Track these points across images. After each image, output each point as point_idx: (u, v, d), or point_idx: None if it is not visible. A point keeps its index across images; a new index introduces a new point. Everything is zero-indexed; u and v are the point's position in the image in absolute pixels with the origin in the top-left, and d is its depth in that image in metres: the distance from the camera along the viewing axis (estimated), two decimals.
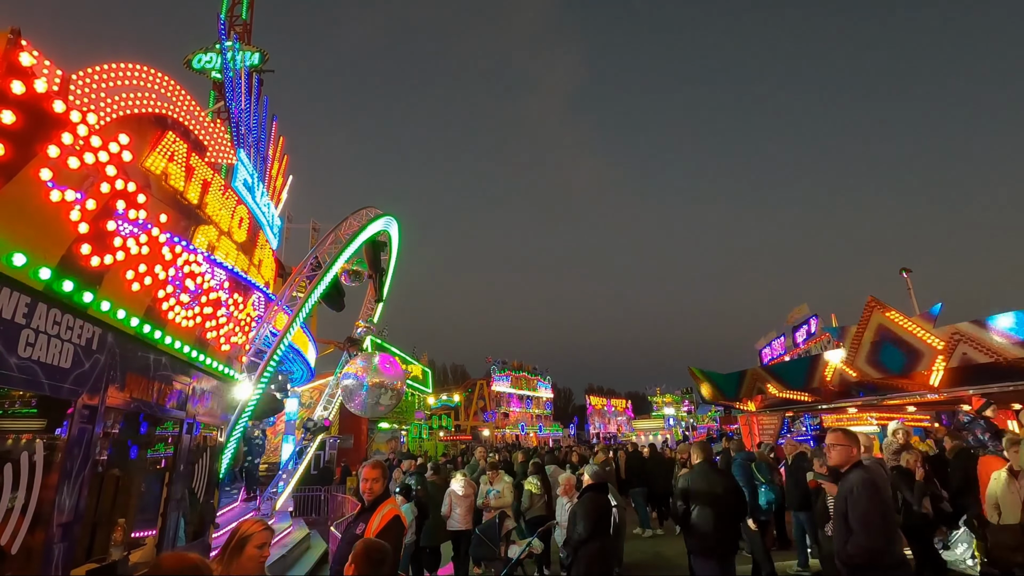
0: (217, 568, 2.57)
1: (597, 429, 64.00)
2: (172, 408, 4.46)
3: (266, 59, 15.72)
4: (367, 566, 2.69)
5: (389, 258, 14.19)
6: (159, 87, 6.30)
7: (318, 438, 12.39)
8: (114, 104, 5.45)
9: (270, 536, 2.73)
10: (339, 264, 10.52)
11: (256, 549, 2.60)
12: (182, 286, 4.09)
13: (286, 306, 9.65)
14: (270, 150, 12.09)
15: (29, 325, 2.63)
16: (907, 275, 19.60)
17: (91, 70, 5.27)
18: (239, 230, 9.04)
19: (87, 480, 3.12)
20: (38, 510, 2.75)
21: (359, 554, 2.75)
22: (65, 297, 2.82)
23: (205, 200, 7.70)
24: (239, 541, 2.64)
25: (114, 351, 3.40)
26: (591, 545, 5.06)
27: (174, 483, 4.56)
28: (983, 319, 9.47)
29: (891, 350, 10.99)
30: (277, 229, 12.19)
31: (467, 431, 50.59)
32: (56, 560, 2.89)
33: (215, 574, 2.56)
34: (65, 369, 2.91)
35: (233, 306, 5.39)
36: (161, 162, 6.55)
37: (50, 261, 2.70)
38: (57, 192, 2.62)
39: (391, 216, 13.02)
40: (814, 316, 29.02)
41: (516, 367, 60.82)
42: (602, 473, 5.73)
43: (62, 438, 2.98)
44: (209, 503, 5.62)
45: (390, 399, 11.09)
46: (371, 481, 4.13)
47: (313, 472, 15.06)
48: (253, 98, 11.63)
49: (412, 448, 29.31)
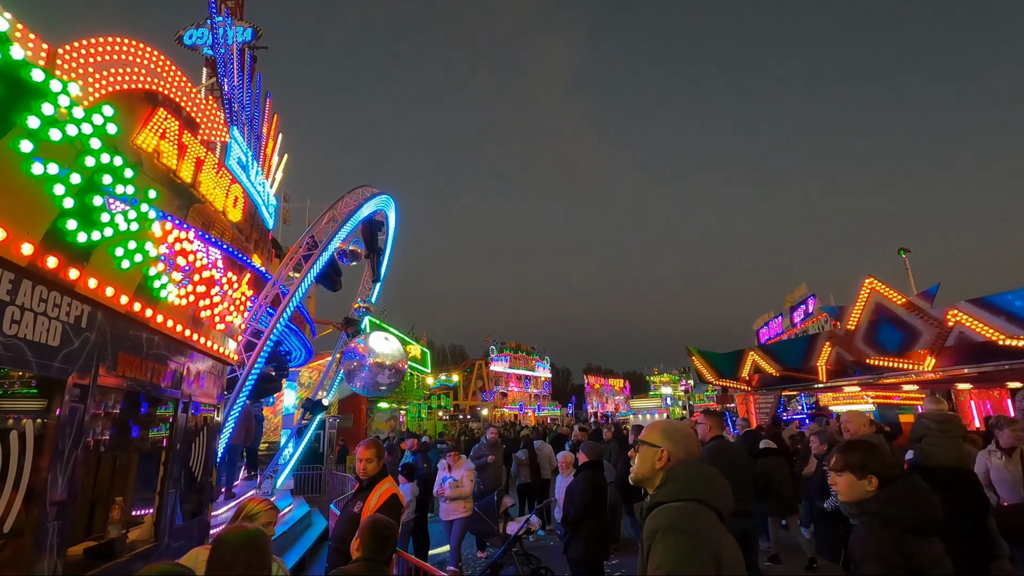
0: None
1: (595, 408, 64.53)
2: (167, 388, 4.44)
3: (259, 35, 15.39)
4: (373, 542, 2.76)
5: (386, 238, 14.10)
6: (149, 62, 6.15)
7: (317, 417, 12.45)
8: (103, 79, 5.33)
9: (275, 515, 2.74)
10: (335, 244, 10.44)
11: (261, 528, 2.60)
12: (174, 264, 4.03)
13: (282, 286, 9.60)
14: (264, 128, 11.92)
15: (14, 302, 2.58)
16: (905, 255, 19.58)
17: (79, 44, 5.13)
18: (234, 209, 8.94)
19: (80, 459, 3.10)
20: (30, 488, 2.74)
21: (365, 530, 2.81)
22: (51, 273, 2.77)
23: (199, 179, 7.59)
24: (244, 520, 2.65)
25: (104, 329, 3.36)
26: (587, 522, 5.10)
27: (171, 462, 4.57)
28: (980, 298, 9.46)
29: (888, 329, 11.01)
30: (272, 208, 12.08)
31: (466, 410, 50.99)
32: (51, 538, 2.88)
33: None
34: (54, 347, 2.86)
35: (228, 285, 5.34)
36: (153, 139, 6.43)
37: (33, 236, 2.64)
38: (39, 165, 2.54)
39: (388, 196, 12.89)
40: (812, 296, 29.10)
41: (514, 347, 61.14)
42: (598, 450, 5.75)
43: (55, 417, 2.95)
44: (207, 482, 5.64)
45: (391, 378, 11.11)
46: (365, 461, 4.16)
47: (320, 452, 15.19)
48: (246, 75, 11.42)
49: (411, 428, 29.54)
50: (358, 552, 2.79)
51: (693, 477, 1.88)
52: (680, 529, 1.72)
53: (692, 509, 1.79)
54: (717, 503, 1.83)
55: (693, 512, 1.78)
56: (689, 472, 1.89)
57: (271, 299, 9.29)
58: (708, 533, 1.72)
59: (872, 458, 2.18)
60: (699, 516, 1.77)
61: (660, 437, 2.00)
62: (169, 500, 4.49)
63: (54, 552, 2.91)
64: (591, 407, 65.87)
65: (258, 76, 12.42)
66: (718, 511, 1.82)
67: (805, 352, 13.18)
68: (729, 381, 15.68)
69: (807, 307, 29.04)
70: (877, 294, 11.29)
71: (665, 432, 2.02)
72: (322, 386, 13.45)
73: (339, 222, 10.57)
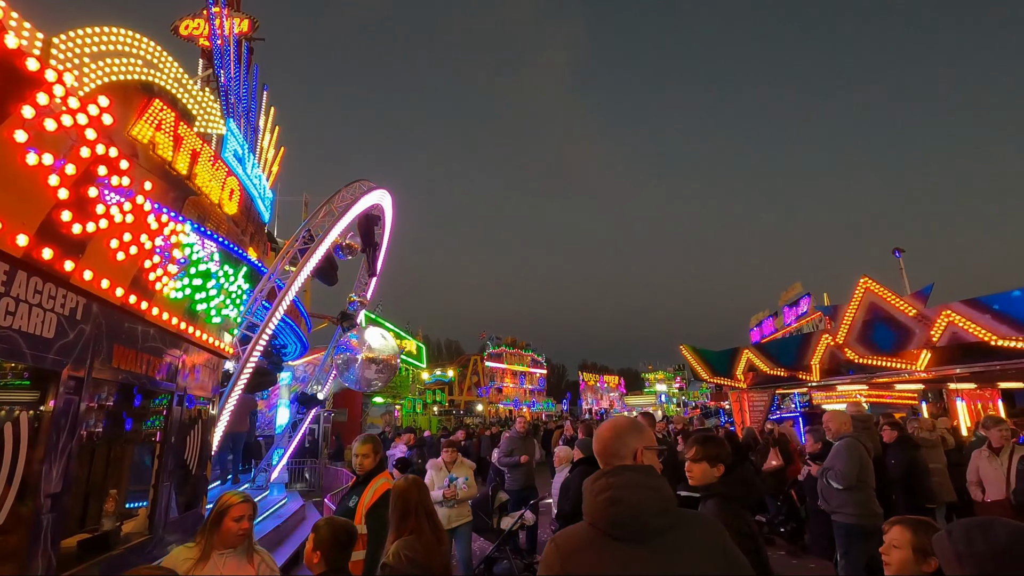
0: (200, 540, 2.59)
1: (590, 405, 64.75)
2: (162, 380, 4.43)
3: (256, 26, 15.27)
4: (336, 552, 2.54)
5: (383, 232, 14.06)
6: (145, 53, 6.10)
7: (312, 411, 12.44)
8: (98, 69, 5.28)
9: (249, 509, 2.71)
10: (331, 237, 10.41)
11: (234, 522, 2.61)
12: (169, 256, 4.02)
13: (278, 280, 9.57)
14: (261, 120, 11.86)
15: (8, 293, 2.57)
16: (900, 255, 19.69)
17: (74, 34, 5.08)
18: (230, 202, 8.90)
19: (74, 451, 3.09)
20: (24, 481, 2.73)
21: (324, 542, 2.53)
22: (46, 265, 2.75)
23: (194, 171, 7.54)
24: (217, 514, 2.64)
25: (100, 322, 3.34)
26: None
27: (165, 455, 4.56)
28: (974, 299, 9.51)
29: (882, 329, 11.06)
30: (269, 202, 12.03)
31: (461, 406, 51.04)
32: (46, 529, 2.88)
33: (197, 546, 2.58)
34: (48, 339, 2.85)
35: (223, 278, 5.32)
36: (148, 131, 6.38)
37: (28, 227, 2.62)
38: (34, 155, 2.52)
39: (384, 189, 12.85)
40: (807, 295, 29.22)
41: (510, 343, 61.19)
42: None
43: (50, 409, 2.94)
44: (202, 475, 5.64)
45: (383, 373, 11.10)
46: (361, 457, 4.15)
47: (307, 445, 15.20)
48: (243, 67, 11.35)
49: (405, 423, 29.55)
50: (320, 567, 2.49)
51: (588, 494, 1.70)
52: (542, 563, 1.64)
53: (572, 532, 1.68)
54: (608, 528, 1.60)
55: (567, 536, 1.66)
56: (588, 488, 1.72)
57: (267, 293, 9.27)
58: (569, 565, 1.56)
59: (723, 451, 2.68)
60: (572, 543, 1.63)
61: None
62: (164, 493, 4.48)
63: (48, 544, 2.90)
64: (586, 404, 66.07)
65: (255, 68, 12.35)
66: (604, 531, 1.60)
67: (799, 351, 13.23)
68: (723, 379, 15.72)
69: (801, 306, 29.17)
70: (871, 294, 11.35)
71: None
72: (317, 380, 13.45)
73: (336, 216, 10.53)
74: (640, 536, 1.55)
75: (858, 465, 4.93)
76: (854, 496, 4.90)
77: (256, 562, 2.67)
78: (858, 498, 4.88)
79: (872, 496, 5.01)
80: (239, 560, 2.62)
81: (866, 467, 4.99)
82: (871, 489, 5.01)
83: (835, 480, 4.98)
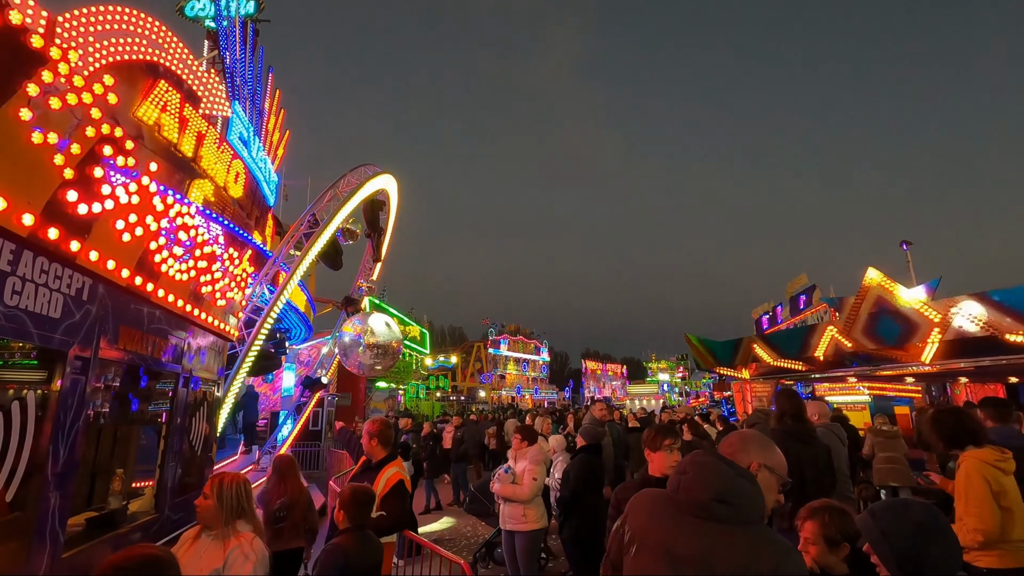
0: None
1: (592, 393, 64.94)
2: (168, 362, 4.45)
3: (262, 8, 15.12)
4: (356, 510, 3.02)
5: (388, 217, 14.03)
6: (151, 33, 6.04)
7: (316, 395, 12.52)
8: (103, 49, 5.24)
9: (211, 484, 2.71)
10: (337, 222, 10.39)
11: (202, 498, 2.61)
12: (175, 238, 4.01)
13: (283, 263, 9.58)
14: (266, 103, 11.77)
15: (15, 273, 2.56)
16: (907, 248, 19.53)
17: (79, 12, 5.04)
18: (235, 185, 8.87)
19: (81, 431, 3.11)
20: (32, 459, 2.75)
21: (347, 501, 3.05)
22: (52, 245, 2.75)
23: (200, 153, 7.51)
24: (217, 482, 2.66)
25: (106, 302, 3.35)
26: (582, 505, 5.15)
27: (171, 435, 4.59)
28: (981, 293, 9.44)
29: (888, 322, 11.00)
30: (274, 185, 12.00)
31: (464, 392, 51.30)
32: (52, 508, 2.91)
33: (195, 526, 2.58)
34: (55, 319, 2.86)
35: (228, 261, 5.32)
36: (154, 112, 6.32)
37: (34, 207, 2.61)
38: (39, 134, 2.51)
39: (390, 174, 12.80)
40: (813, 286, 29.08)
41: (513, 330, 61.28)
42: (595, 434, 5.79)
43: (57, 389, 2.95)
44: (207, 456, 5.69)
45: (386, 358, 11.14)
46: (370, 437, 4.16)
47: (312, 428, 15.31)
48: (248, 48, 11.24)
49: (409, 407, 29.75)
50: (345, 523, 2.99)
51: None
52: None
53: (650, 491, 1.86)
54: (672, 492, 1.76)
55: (646, 492, 1.85)
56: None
57: (272, 276, 9.28)
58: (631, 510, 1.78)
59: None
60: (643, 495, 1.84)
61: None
62: (169, 473, 4.52)
63: (56, 521, 2.94)
64: (588, 391, 66.25)
65: (260, 50, 12.24)
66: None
67: (803, 342, 13.19)
68: (727, 369, 15.72)
69: (805, 297, 29.05)
70: (878, 286, 11.28)
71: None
72: (321, 364, 13.51)
73: (341, 200, 10.51)
74: (695, 510, 1.60)
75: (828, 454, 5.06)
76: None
77: (230, 547, 2.45)
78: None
79: (844, 482, 5.14)
80: (213, 542, 2.46)
81: (838, 456, 5.10)
82: (843, 476, 5.13)
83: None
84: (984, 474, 3.28)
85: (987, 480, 3.26)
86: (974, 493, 3.25)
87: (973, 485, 3.27)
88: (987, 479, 3.26)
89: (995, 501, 3.20)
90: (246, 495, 2.59)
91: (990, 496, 3.21)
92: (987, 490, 3.23)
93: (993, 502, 3.20)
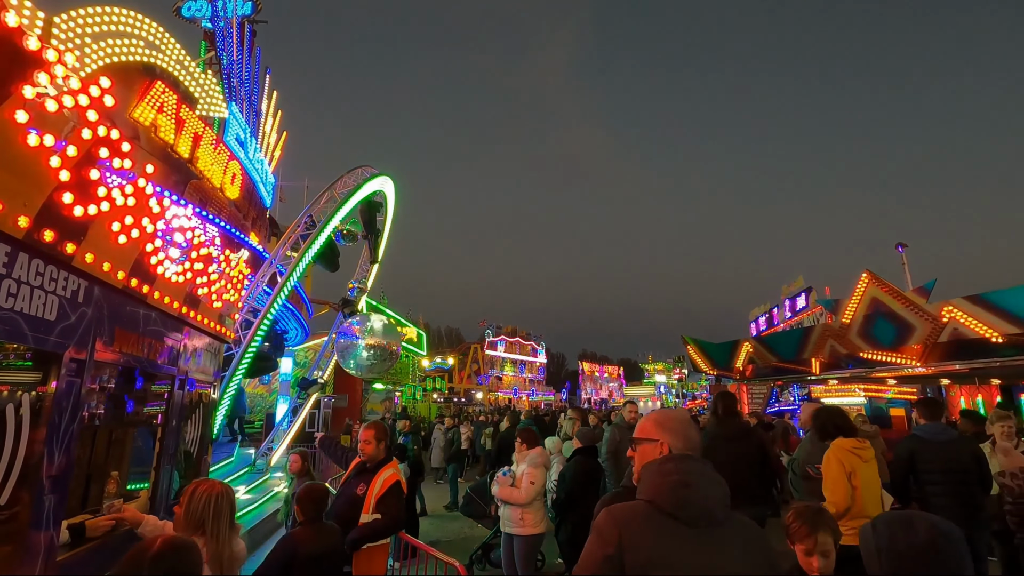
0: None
1: (589, 395, 64.97)
2: (164, 364, 4.44)
3: (259, 8, 15.10)
4: (313, 506, 3.50)
5: (384, 219, 14.03)
6: (147, 34, 6.03)
7: (312, 397, 12.50)
8: (100, 50, 5.23)
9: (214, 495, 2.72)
10: (334, 223, 10.39)
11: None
12: (171, 240, 4.01)
13: (280, 265, 9.57)
14: (263, 104, 11.76)
15: (10, 275, 2.56)
16: (903, 250, 19.62)
17: (75, 13, 5.03)
18: (232, 186, 8.86)
19: (76, 433, 3.11)
20: (27, 461, 2.74)
21: (304, 498, 3.53)
22: (47, 247, 2.75)
23: (196, 154, 7.50)
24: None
25: (101, 304, 3.34)
26: (577, 507, 5.17)
27: (167, 438, 4.58)
28: (976, 295, 9.50)
29: (883, 324, 11.06)
30: (271, 187, 11.98)
31: (461, 394, 51.25)
32: (47, 511, 2.90)
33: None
34: (50, 321, 2.85)
35: (225, 262, 5.31)
36: (150, 113, 6.32)
37: (29, 209, 2.61)
38: (35, 136, 2.50)
39: (387, 176, 12.80)
40: (809, 289, 29.17)
41: (510, 332, 61.30)
42: (591, 436, 5.81)
43: (52, 391, 2.95)
44: (204, 458, 5.67)
45: (384, 360, 11.14)
46: (363, 443, 4.17)
47: (308, 430, 15.29)
48: (245, 49, 11.24)
49: (408, 409, 29.69)
50: (301, 516, 3.49)
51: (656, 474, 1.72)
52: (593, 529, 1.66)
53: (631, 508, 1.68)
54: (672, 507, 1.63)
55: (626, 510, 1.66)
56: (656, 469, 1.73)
57: (268, 278, 9.27)
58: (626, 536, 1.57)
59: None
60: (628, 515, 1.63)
61: (656, 429, 1.85)
62: (165, 475, 4.51)
63: (51, 524, 2.93)
64: (585, 393, 66.31)
65: (257, 51, 12.23)
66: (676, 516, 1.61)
67: (799, 344, 13.24)
68: (723, 371, 15.77)
69: (803, 299, 29.13)
70: (873, 288, 11.33)
71: (659, 423, 1.87)
72: (318, 365, 13.49)
73: (338, 202, 10.51)
74: (702, 522, 1.60)
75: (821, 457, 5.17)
76: (818, 486, 5.13)
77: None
78: (820, 488, 5.11)
79: None
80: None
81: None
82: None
83: (799, 471, 5.19)
84: (840, 457, 3.95)
85: (841, 462, 3.92)
86: (831, 473, 3.94)
87: (831, 467, 3.96)
88: (841, 462, 3.92)
89: (847, 481, 3.86)
90: (215, 508, 2.45)
91: (843, 476, 3.87)
92: (841, 471, 3.89)
93: (846, 481, 3.85)
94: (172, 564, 1.77)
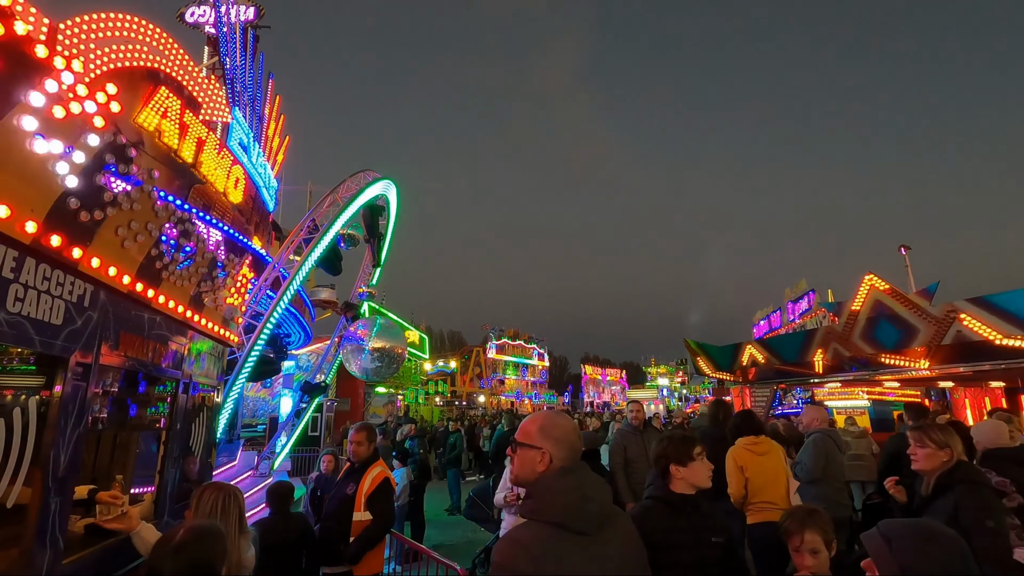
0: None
1: (591, 398, 64.86)
2: (168, 368, 4.46)
3: (262, 14, 15.19)
4: (279, 502, 4.15)
5: (387, 223, 14.07)
6: (151, 40, 6.07)
7: (315, 400, 12.52)
8: (104, 56, 5.27)
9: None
10: (336, 227, 10.42)
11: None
12: (176, 244, 4.03)
13: (283, 269, 9.60)
14: (266, 109, 11.80)
15: (18, 280, 2.58)
16: (906, 252, 19.58)
17: (79, 19, 5.07)
18: (235, 191, 8.89)
19: (82, 436, 3.12)
20: (33, 465, 2.76)
21: (271, 495, 4.20)
22: (54, 252, 2.77)
23: (200, 159, 7.53)
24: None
25: (107, 309, 3.36)
26: None
27: (171, 441, 4.60)
28: (980, 297, 9.47)
29: (886, 326, 11.03)
30: (273, 191, 12.02)
31: (463, 397, 51.22)
32: (53, 514, 2.91)
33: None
34: (57, 326, 2.87)
35: (229, 266, 5.33)
36: (154, 118, 6.33)
37: (37, 215, 2.64)
38: (43, 143, 2.53)
39: (390, 180, 12.84)
40: (812, 291, 29.13)
41: (513, 335, 61.27)
42: (593, 440, 5.80)
43: (58, 394, 2.97)
44: (207, 462, 5.68)
45: (390, 364, 11.16)
46: (355, 444, 4.28)
47: (312, 433, 15.30)
48: (248, 54, 11.29)
49: (409, 413, 29.68)
50: (268, 509, 4.13)
51: (558, 492, 1.62)
52: (502, 567, 1.53)
53: (538, 535, 1.57)
54: (579, 524, 1.57)
55: (535, 539, 1.56)
56: (555, 487, 1.63)
57: (271, 282, 9.30)
58: (540, 567, 1.49)
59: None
60: (540, 547, 1.53)
61: (539, 435, 1.72)
62: (169, 478, 4.52)
63: (56, 528, 2.94)
64: (588, 396, 66.20)
65: (261, 56, 12.28)
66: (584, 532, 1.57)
67: (802, 347, 13.22)
68: (726, 374, 15.74)
69: (806, 302, 29.09)
70: (876, 291, 11.31)
71: (543, 429, 1.74)
72: (320, 369, 13.52)
73: (340, 206, 10.55)
74: (595, 528, 1.62)
75: (824, 460, 5.26)
76: (820, 490, 5.18)
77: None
78: (823, 492, 5.16)
79: (839, 489, 5.39)
80: None
81: (833, 462, 5.35)
82: (838, 483, 5.40)
83: (802, 473, 5.24)
84: (734, 454, 4.58)
85: (735, 458, 4.54)
86: (729, 468, 4.53)
87: (727, 464, 4.55)
88: (735, 457, 4.55)
89: (741, 473, 4.46)
90: (223, 510, 2.51)
91: (737, 470, 4.49)
92: (735, 466, 4.51)
93: (739, 474, 4.47)
94: (194, 552, 1.82)
